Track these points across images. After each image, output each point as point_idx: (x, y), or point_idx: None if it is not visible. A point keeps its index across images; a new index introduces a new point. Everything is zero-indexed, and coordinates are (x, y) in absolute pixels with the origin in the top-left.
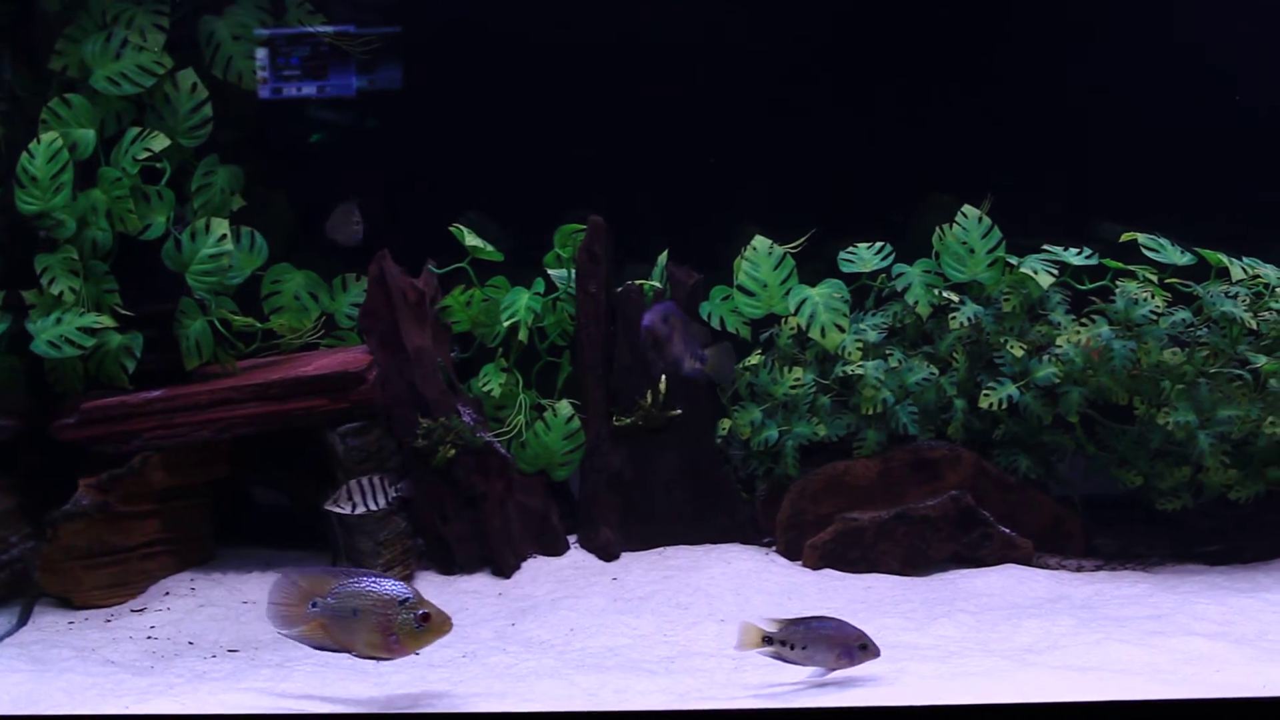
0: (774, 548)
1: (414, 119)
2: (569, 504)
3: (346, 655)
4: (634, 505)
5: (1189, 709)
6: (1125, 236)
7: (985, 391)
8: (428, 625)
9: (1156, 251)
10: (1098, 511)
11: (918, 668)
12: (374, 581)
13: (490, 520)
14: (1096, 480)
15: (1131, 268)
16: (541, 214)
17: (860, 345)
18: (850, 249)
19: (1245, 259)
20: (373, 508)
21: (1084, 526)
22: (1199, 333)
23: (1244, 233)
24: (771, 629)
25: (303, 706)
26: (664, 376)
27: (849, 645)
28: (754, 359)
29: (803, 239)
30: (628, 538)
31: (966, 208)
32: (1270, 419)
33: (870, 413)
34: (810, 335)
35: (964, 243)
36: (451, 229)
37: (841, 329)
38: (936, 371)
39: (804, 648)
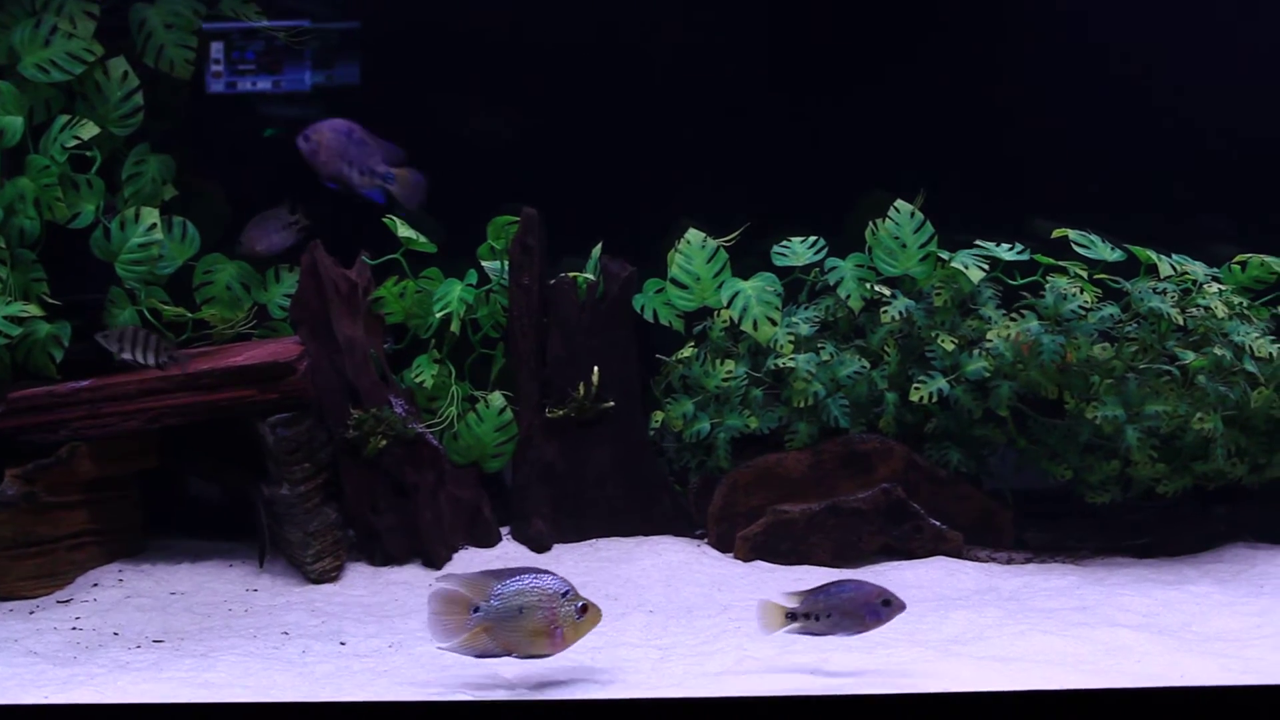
0: (706, 540)
1: (355, 113)
2: (502, 496)
3: (489, 658)
4: (566, 497)
5: (1107, 698)
6: (1057, 233)
7: (916, 385)
8: (586, 615)
9: (1087, 248)
10: (1028, 505)
11: (841, 659)
12: (533, 578)
13: (422, 512)
14: (1027, 474)
15: (1062, 263)
16: (477, 206)
17: (792, 338)
18: (783, 243)
19: (1174, 256)
20: (138, 359)
21: (1014, 520)
22: (1128, 328)
23: (1175, 230)
24: (792, 604)
25: (223, 696)
26: (596, 369)
27: (872, 604)
28: (687, 351)
29: (736, 233)
30: (560, 529)
31: (899, 203)
32: (1198, 415)
33: (802, 405)
34: (742, 328)
35: (896, 237)
36: (385, 220)
37: (774, 322)
38: (868, 365)
39: (829, 616)
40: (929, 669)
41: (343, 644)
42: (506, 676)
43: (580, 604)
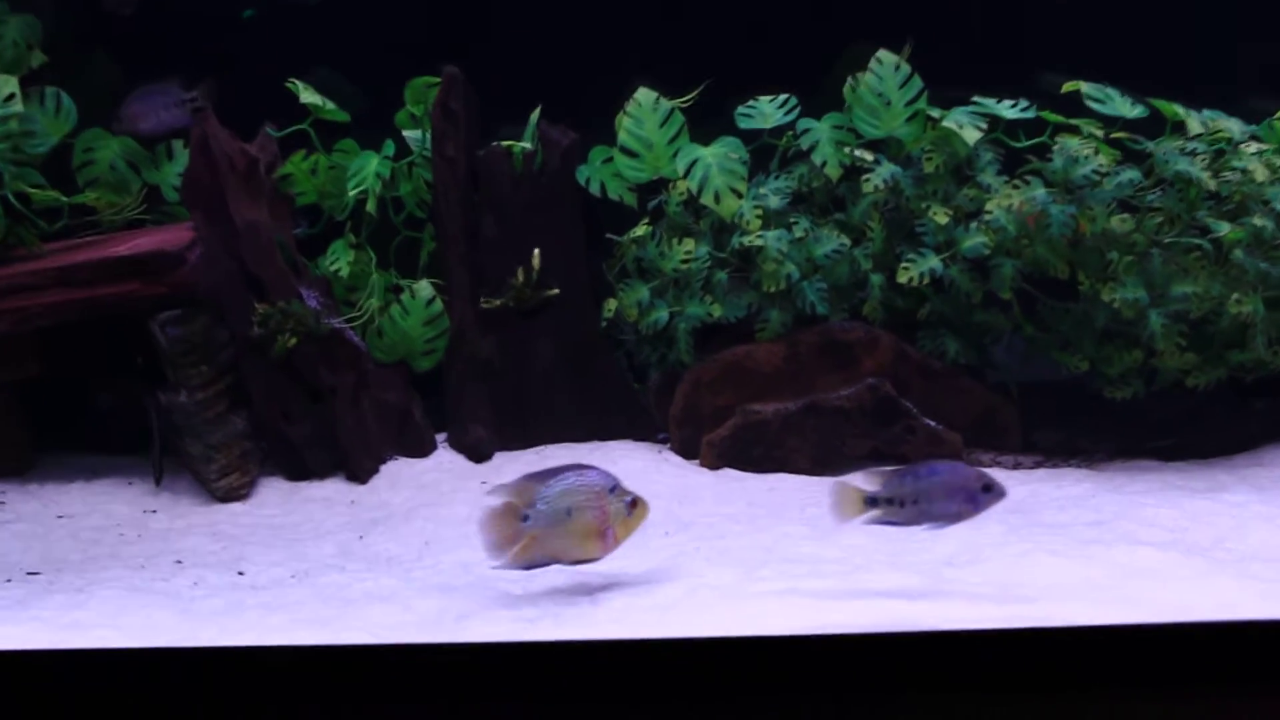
0: (669, 445)
1: None
2: (438, 398)
3: (537, 569)
4: (508, 398)
5: (1125, 636)
6: (1068, 87)
7: (905, 265)
8: (636, 510)
9: (1102, 103)
10: (1037, 401)
11: (812, 585)
12: (577, 475)
13: (341, 418)
14: (1036, 365)
15: (1074, 121)
16: (400, 66)
17: (760, 213)
18: (749, 103)
19: (1205, 111)
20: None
21: (1021, 418)
22: (1151, 196)
23: (1208, 80)
24: (872, 486)
25: (87, 640)
26: (536, 251)
27: (970, 489)
28: (640, 230)
29: (694, 92)
30: (503, 436)
31: (882, 53)
32: (1234, 296)
33: (773, 290)
34: (702, 201)
35: (879, 94)
36: (288, 84)
37: (738, 194)
38: (849, 242)
39: (915, 503)
40: (913, 598)
41: (240, 574)
42: (418, 608)
43: (630, 498)
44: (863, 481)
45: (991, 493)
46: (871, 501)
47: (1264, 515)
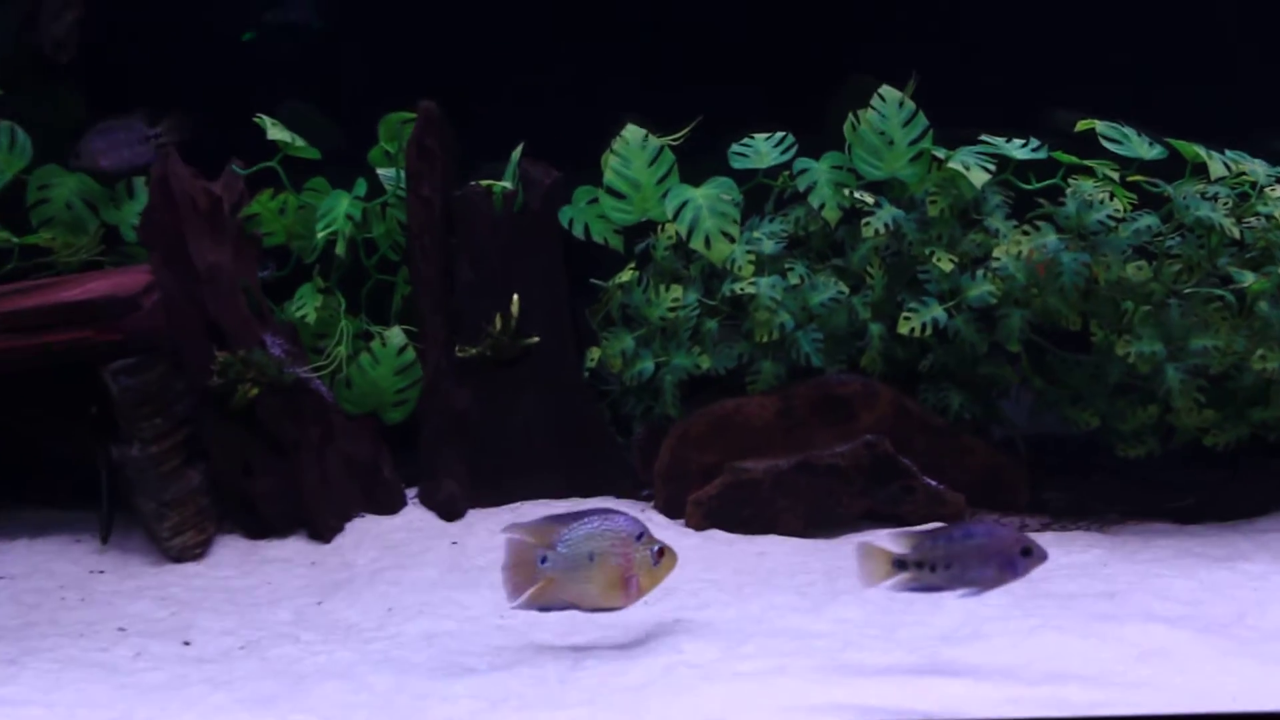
0: (653, 503)
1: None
2: (411, 452)
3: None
4: (484, 453)
5: None
6: (1082, 125)
7: (906, 315)
8: (663, 561)
9: (1119, 143)
10: (1046, 459)
11: (799, 664)
12: (603, 519)
13: (305, 473)
14: (1045, 421)
15: (1088, 163)
16: (377, 100)
17: (753, 258)
18: (744, 141)
19: (1228, 152)
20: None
21: (1028, 477)
22: (1169, 243)
23: (1231, 120)
24: (902, 548)
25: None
26: (516, 297)
27: (1008, 553)
28: (626, 275)
29: (686, 129)
30: (478, 492)
31: (885, 89)
32: (1259, 351)
33: (766, 340)
34: (692, 246)
35: (881, 132)
36: (256, 119)
37: (730, 238)
38: (847, 290)
39: (948, 567)
40: (906, 680)
41: (187, 644)
42: (374, 686)
43: (657, 547)
44: (890, 543)
45: (1031, 557)
46: (900, 564)
47: None
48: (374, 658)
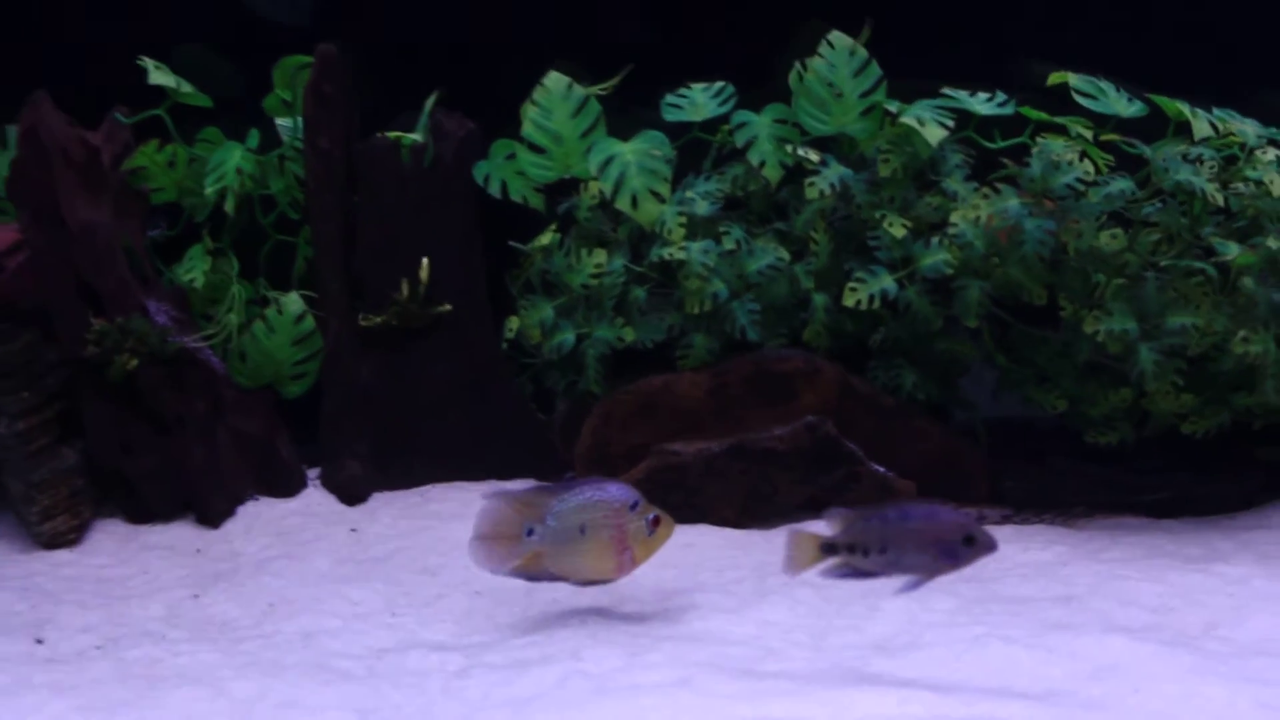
0: None
1: None
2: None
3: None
4: (392, 430)
5: None
6: (1054, 78)
7: (852, 285)
8: (659, 530)
9: (1094, 98)
10: (1007, 444)
11: (706, 677)
12: (596, 489)
13: (190, 452)
14: (1008, 403)
15: (1059, 120)
16: (277, 45)
17: (684, 220)
18: (679, 91)
19: (1216, 111)
20: None
21: (988, 464)
22: (1146, 210)
23: (1219, 74)
24: (833, 530)
25: None
26: (425, 261)
27: (947, 540)
28: (546, 238)
29: (615, 78)
30: (384, 473)
31: (835, 35)
32: (1241, 333)
33: (697, 311)
34: (617, 205)
35: (829, 83)
36: (139, 61)
37: (660, 197)
38: (788, 256)
39: (882, 551)
40: (826, 695)
41: (39, 641)
42: (233, 692)
43: (652, 516)
44: (826, 528)
45: (975, 546)
46: (829, 548)
47: (1267, 594)
48: (241, 660)
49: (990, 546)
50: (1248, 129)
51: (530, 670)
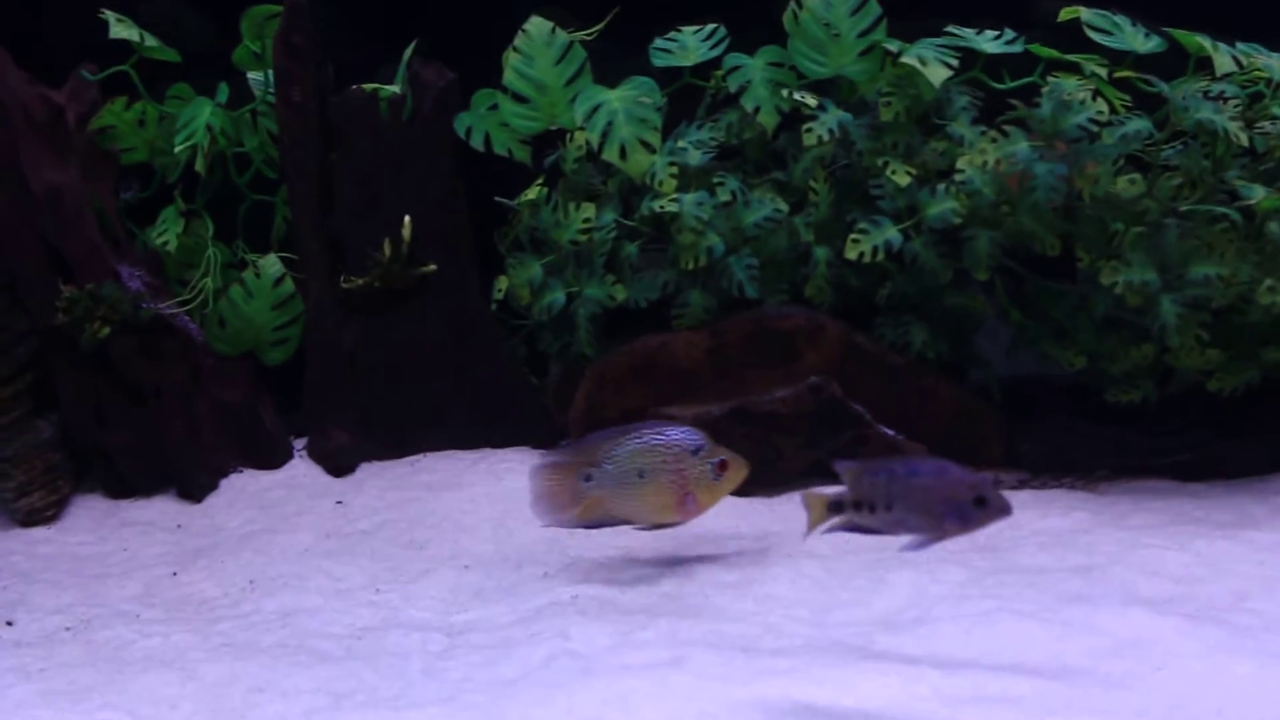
0: None
1: None
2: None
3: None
4: (378, 398)
5: None
6: (1066, 14)
7: (854, 237)
8: (726, 474)
9: (1109, 34)
10: (1024, 404)
11: (700, 655)
12: (657, 432)
13: (169, 423)
14: (1024, 361)
15: (1072, 58)
16: None
17: (676, 171)
18: (669, 35)
19: (1240, 45)
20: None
21: (1003, 425)
22: (1166, 152)
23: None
24: (842, 485)
25: None
26: (407, 219)
27: (958, 500)
28: (533, 192)
29: (602, 23)
30: (371, 443)
31: None
32: (1268, 282)
33: (692, 267)
34: (605, 157)
35: (826, 23)
36: (101, 14)
37: (650, 147)
38: (786, 208)
39: (888, 508)
40: (825, 674)
41: (9, 624)
42: (204, 676)
43: (718, 460)
44: (833, 489)
45: (987, 508)
46: (836, 506)
47: None
48: (215, 641)
49: (1004, 510)
50: (1274, 63)
51: (516, 650)
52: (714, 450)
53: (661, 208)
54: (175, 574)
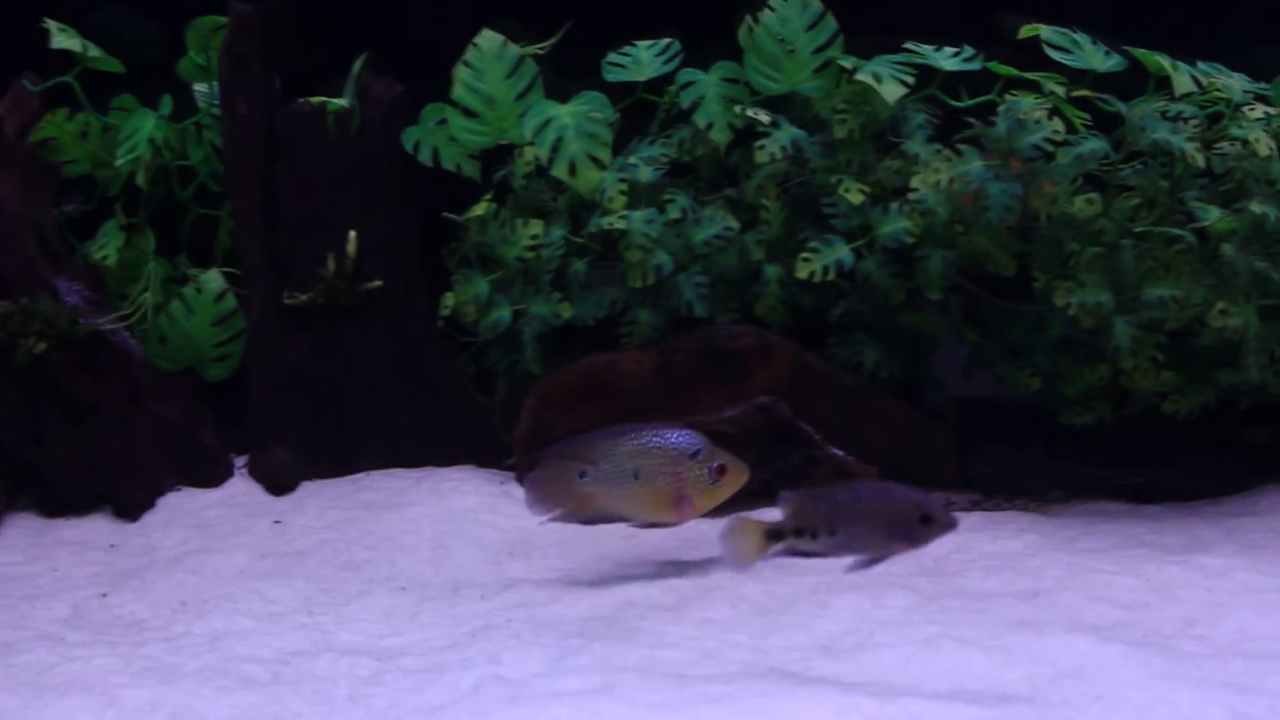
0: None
1: None
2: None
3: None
4: (323, 415)
5: None
6: (1025, 31)
7: (805, 256)
8: (724, 479)
9: (1069, 52)
10: (977, 425)
11: (632, 682)
12: (656, 434)
13: (106, 441)
14: (979, 382)
15: (1030, 75)
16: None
17: (625, 187)
18: (622, 50)
19: (1201, 65)
20: None
21: (956, 447)
22: (1123, 172)
23: (1209, 28)
24: (781, 515)
25: None
26: (353, 234)
27: (903, 519)
28: (481, 208)
29: (554, 37)
30: (314, 461)
31: None
32: (1220, 304)
33: (641, 285)
34: (554, 173)
35: (781, 38)
36: (43, 25)
37: (600, 163)
38: (737, 225)
39: (831, 533)
40: (756, 702)
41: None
42: (124, 703)
43: (716, 464)
44: (779, 514)
45: (933, 525)
46: (775, 535)
47: (1250, 587)
48: (140, 665)
49: (949, 524)
50: (1234, 84)
51: (445, 675)
52: (712, 455)
53: (610, 224)
54: (105, 595)
